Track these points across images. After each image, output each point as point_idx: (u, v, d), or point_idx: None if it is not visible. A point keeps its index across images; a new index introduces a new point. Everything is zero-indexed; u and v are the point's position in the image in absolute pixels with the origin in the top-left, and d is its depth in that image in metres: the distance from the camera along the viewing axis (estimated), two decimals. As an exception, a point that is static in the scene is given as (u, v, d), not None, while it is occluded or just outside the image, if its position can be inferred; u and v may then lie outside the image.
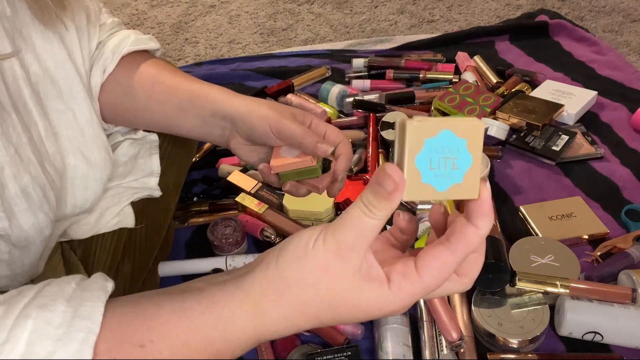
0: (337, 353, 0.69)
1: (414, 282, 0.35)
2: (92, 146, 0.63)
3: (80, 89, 0.62)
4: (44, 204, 0.55)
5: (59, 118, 0.60)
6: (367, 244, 0.35)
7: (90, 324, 0.37)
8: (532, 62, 1.29)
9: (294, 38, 1.67)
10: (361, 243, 0.35)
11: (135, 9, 1.89)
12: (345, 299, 0.36)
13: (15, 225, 0.53)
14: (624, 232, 0.86)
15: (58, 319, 0.36)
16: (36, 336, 0.36)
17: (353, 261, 0.35)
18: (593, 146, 1.02)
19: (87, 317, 0.37)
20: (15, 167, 0.52)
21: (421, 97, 1.16)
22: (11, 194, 0.51)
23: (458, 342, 0.69)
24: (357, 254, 0.35)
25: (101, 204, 0.74)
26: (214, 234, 0.85)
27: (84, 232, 0.73)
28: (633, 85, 1.17)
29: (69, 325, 0.36)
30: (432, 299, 0.73)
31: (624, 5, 1.64)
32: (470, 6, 1.74)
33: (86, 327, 0.36)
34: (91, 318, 0.37)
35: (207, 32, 1.74)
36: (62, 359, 0.35)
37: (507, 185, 0.96)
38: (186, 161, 0.93)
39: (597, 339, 0.70)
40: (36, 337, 0.36)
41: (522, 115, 1.04)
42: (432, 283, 0.36)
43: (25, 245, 0.56)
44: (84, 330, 0.36)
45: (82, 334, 0.36)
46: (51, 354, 0.35)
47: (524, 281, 0.72)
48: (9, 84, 0.54)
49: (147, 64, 0.69)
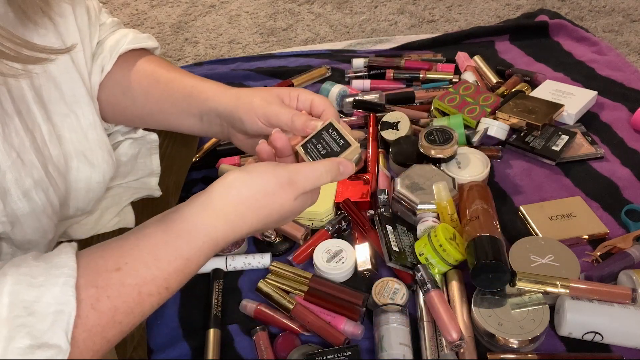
0: (337, 353, 0.69)
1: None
2: (96, 149, 0.63)
3: (84, 92, 0.62)
4: (47, 207, 0.55)
5: (62, 121, 0.60)
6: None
7: (67, 270, 0.41)
8: (532, 62, 1.29)
9: (294, 38, 1.67)
10: (312, 187, 0.52)
11: (135, 9, 1.89)
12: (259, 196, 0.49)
13: (19, 229, 0.53)
14: (624, 232, 0.86)
15: (34, 271, 0.40)
16: (18, 287, 0.39)
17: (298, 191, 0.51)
18: (593, 146, 1.02)
19: (62, 266, 0.41)
20: (17, 172, 0.51)
21: (421, 97, 1.16)
22: (14, 198, 0.51)
23: (458, 342, 0.69)
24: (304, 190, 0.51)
25: (101, 204, 0.74)
26: (214, 234, 0.85)
27: (84, 232, 0.73)
28: (633, 85, 1.17)
29: (47, 274, 0.40)
30: (432, 301, 0.73)
31: (624, 5, 1.64)
32: (470, 6, 1.74)
33: (64, 273, 0.40)
34: (68, 266, 0.41)
35: (207, 32, 1.74)
36: (48, 301, 0.39)
37: (507, 185, 0.96)
38: (186, 161, 0.93)
39: (597, 339, 0.70)
40: (19, 288, 0.39)
41: (522, 115, 1.04)
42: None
43: (28, 248, 0.56)
44: (62, 275, 0.40)
45: (61, 278, 0.40)
46: (38, 298, 0.39)
47: (524, 281, 0.72)
48: (12, 87, 0.53)
49: (144, 62, 0.69)
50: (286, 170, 0.51)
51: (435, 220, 0.84)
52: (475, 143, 1.01)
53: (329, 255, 0.82)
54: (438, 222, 0.83)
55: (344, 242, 0.84)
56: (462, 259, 0.78)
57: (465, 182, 0.89)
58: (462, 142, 1.01)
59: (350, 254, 0.82)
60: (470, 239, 0.75)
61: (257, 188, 0.49)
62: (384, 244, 0.82)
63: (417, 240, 0.82)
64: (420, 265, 0.77)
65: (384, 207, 0.88)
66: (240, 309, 0.79)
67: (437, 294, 0.73)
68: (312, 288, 0.79)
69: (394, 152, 0.99)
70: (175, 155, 0.86)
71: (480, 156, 0.94)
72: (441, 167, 0.92)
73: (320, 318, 0.75)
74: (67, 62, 0.61)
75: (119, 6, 1.92)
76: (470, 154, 0.95)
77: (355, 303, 0.77)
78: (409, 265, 0.80)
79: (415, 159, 0.95)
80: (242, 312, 0.79)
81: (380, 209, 0.88)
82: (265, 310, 0.77)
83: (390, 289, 0.78)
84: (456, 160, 0.94)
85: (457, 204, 0.85)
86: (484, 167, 0.92)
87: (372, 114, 1.08)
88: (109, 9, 1.89)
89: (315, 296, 0.78)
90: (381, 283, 0.79)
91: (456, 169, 0.92)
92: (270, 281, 0.81)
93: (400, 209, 0.89)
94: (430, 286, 0.74)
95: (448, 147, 0.91)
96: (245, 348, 0.75)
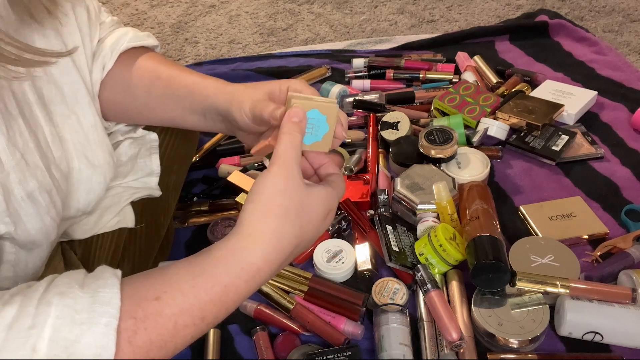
0: (337, 353, 0.69)
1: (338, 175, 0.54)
2: (97, 150, 0.63)
3: (84, 93, 0.62)
4: (50, 208, 0.55)
5: (63, 123, 0.60)
6: (298, 156, 0.49)
7: (111, 309, 0.40)
8: (532, 62, 1.29)
9: (294, 38, 1.67)
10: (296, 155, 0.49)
11: (135, 9, 1.89)
12: (309, 198, 0.49)
13: (22, 229, 0.53)
14: (624, 232, 0.86)
15: (79, 305, 0.39)
16: (61, 321, 0.38)
17: (296, 170, 0.48)
18: (593, 146, 1.02)
19: (107, 303, 0.40)
20: (21, 173, 0.51)
21: (421, 97, 1.16)
22: (17, 199, 0.51)
23: (458, 342, 0.69)
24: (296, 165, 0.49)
25: (101, 204, 0.74)
26: (214, 234, 0.85)
27: (84, 232, 0.73)
28: (633, 85, 1.17)
29: (91, 311, 0.39)
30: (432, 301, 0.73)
31: (624, 5, 1.64)
32: (470, 6, 1.74)
33: (107, 312, 0.40)
34: (111, 303, 0.40)
35: (207, 32, 1.74)
36: (88, 342, 0.38)
37: (507, 185, 0.96)
38: (186, 161, 0.93)
39: (597, 339, 0.70)
40: (61, 322, 0.38)
41: (522, 115, 1.04)
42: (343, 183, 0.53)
43: (31, 248, 0.56)
44: (105, 315, 0.39)
45: (104, 318, 0.39)
46: (78, 337, 0.38)
47: (524, 281, 0.72)
48: (15, 89, 0.53)
49: (145, 60, 0.69)
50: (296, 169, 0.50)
51: (435, 220, 0.84)
52: (475, 143, 1.01)
53: (329, 255, 0.82)
54: (438, 222, 0.83)
55: (344, 242, 0.84)
56: (462, 259, 0.78)
57: (465, 182, 0.89)
58: (462, 142, 1.01)
59: (350, 254, 0.82)
60: (470, 239, 0.75)
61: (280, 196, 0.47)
62: (384, 244, 0.82)
63: (417, 240, 0.82)
64: (420, 265, 0.77)
65: (384, 207, 0.88)
66: (240, 308, 0.79)
67: (437, 294, 0.73)
68: (312, 288, 0.79)
69: (394, 152, 0.99)
70: (175, 155, 0.86)
71: (480, 156, 0.94)
72: (441, 167, 0.92)
73: (320, 318, 0.75)
74: (67, 63, 0.61)
75: (119, 6, 1.92)
76: (470, 154, 0.95)
77: (355, 303, 0.77)
78: (409, 265, 0.80)
79: (415, 159, 0.95)
80: (242, 312, 0.79)
81: (380, 209, 0.88)
82: (265, 310, 0.77)
83: (390, 289, 0.78)
84: (456, 160, 0.94)
85: (457, 204, 0.85)
86: (484, 167, 0.92)
87: (372, 114, 1.08)
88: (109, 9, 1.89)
89: (315, 296, 0.78)
90: (381, 283, 0.79)
91: (456, 169, 0.92)
92: (270, 281, 0.81)
93: (400, 209, 0.89)
94: (430, 286, 0.74)
95: (448, 147, 0.91)
96: (245, 348, 0.75)
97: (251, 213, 0.47)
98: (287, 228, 0.47)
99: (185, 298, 0.43)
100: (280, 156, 0.49)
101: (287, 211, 0.47)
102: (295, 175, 0.48)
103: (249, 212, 0.47)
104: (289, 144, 0.49)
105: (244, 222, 0.47)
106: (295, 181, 0.48)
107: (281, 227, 0.47)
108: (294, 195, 0.48)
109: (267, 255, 0.46)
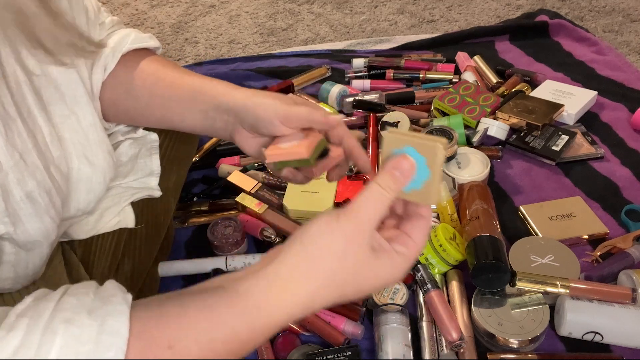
0: (337, 353, 0.69)
1: (411, 246, 0.43)
2: (96, 150, 0.63)
3: (83, 92, 0.62)
4: (50, 208, 0.55)
5: (62, 123, 0.60)
6: (380, 218, 0.42)
7: (119, 340, 0.37)
8: (532, 62, 1.29)
9: (294, 38, 1.67)
10: (377, 216, 0.42)
11: (135, 9, 1.89)
12: (366, 269, 0.41)
13: (22, 230, 0.52)
14: (624, 232, 0.86)
15: (85, 335, 0.37)
16: (66, 352, 0.36)
17: (368, 233, 0.41)
18: (593, 146, 1.02)
19: (114, 334, 0.37)
20: (20, 173, 0.51)
21: (421, 97, 1.16)
22: (16, 199, 0.51)
23: (458, 342, 0.69)
24: (372, 227, 0.41)
25: (101, 204, 0.74)
26: (214, 234, 0.85)
27: (84, 232, 0.73)
28: (633, 85, 1.17)
29: (97, 342, 0.37)
30: (432, 301, 0.73)
31: (624, 5, 1.64)
32: (470, 6, 1.74)
33: (114, 345, 0.37)
34: (119, 334, 0.37)
35: (207, 32, 1.74)
36: None
37: (507, 185, 0.96)
38: (186, 161, 0.93)
39: (597, 339, 0.70)
40: (66, 353, 0.36)
41: (522, 115, 1.04)
42: (422, 243, 0.44)
43: (31, 248, 0.56)
44: (112, 348, 0.37)
45: (111, 351, 0.37)
46: None
47: (524, 281, 0.72)
48: (13, 90, 0.53)
49: (147, 62, 0.69)
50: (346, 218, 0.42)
51: (435, 220, 0.84)
52: (475, 143, 1.01)
53: (329, 255, 0.82)
54: (438, 222, 0.83)
55: (344, 242, 0.84)
56: (462, 259, 0.78)
57: (465, 182, 0.89)
58: (462, 142, 1.01)
59: (350, 254, 0.82)
60: (470, 239, 0.75)
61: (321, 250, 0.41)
62: (384, 244, 0.81)
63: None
64: (420, 265, 0.77)
65: (384, 207, 0.88)
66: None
67: (437, 294, 0.73)
68: (312, 288, 0.79)
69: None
70: (175, 155, 0.86)
71: (480, 156, 0.94)
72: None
73: (320, 318, 0.75)
74: None
75: (119, 6, 1.92)
76: (470, 154, 0.95)
77: (355, 303, 0.77)
78: (409, 265, 0.80)
79: (415, 159, 0.95)
80: (242, 312, 0.79)
81: (380, 209, 0.88)
82: (265, 310, 0.77)
83: (390, 289, 0.78)
84: (456, 160, 0.94)
85: (457, 204, 0.85)
86: (484, 167, 0.92)
87: (372, 114, 1.08)
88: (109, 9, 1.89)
89: (315, 296, 0.78)
90: (381, 283, 0.79)
91: (456, 169, 0.92)
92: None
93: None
94: (430, 286, 0.74)
95: (448, 147, 0.91)
96: (245, 348, 0.75)
97: (295, 265, 0.41)
98: (326, 293, 0.41)
99: (200, 351, 0.39)
100: (357, 211, 0.41)
101: (334, 277, 0.41)
102: (363, 241, 0.41)
103: (292, 256, 0.41)
104: (373, 201, 0.41)
105: (281, 270, 0.41)
106: (360, 248, 0.41)
107: (321, 292, 0.41)
108: (350, 264, 0.41)
109: (294, 315, 0.41)
